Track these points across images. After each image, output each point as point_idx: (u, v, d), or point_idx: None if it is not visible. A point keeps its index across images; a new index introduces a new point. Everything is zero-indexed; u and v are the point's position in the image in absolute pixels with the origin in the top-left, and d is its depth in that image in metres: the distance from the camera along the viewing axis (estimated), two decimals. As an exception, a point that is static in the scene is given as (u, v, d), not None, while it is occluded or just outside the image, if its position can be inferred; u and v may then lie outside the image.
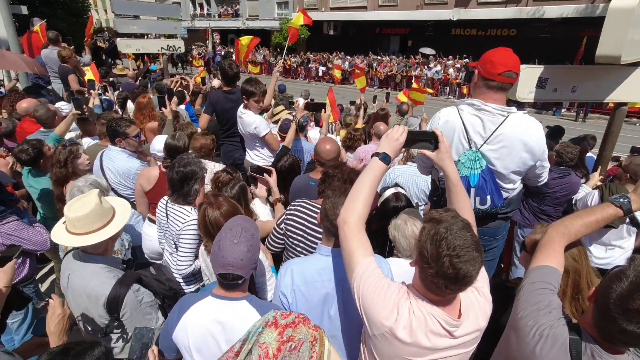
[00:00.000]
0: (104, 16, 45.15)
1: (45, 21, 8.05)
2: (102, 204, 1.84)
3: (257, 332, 1.14)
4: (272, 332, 1.12)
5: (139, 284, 1.92)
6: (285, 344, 1.10)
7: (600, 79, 3.44)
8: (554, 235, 1.46)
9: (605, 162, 4.00)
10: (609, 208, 1.44)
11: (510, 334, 1.39)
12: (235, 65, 4.29)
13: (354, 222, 1.42)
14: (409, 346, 1.26)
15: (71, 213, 1.77)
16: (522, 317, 1.30)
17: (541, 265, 1.41)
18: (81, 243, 1.80)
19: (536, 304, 1.30)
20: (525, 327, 1.27)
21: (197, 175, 2.42)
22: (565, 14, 18.34)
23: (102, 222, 1.84)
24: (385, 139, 1.57)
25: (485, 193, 2.11)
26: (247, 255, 1.51)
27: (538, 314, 1.27)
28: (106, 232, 1.84)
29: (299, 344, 1.11)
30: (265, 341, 1.11)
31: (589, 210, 1.48)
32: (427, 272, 1.20)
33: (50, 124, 3.92)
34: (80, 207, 1.79)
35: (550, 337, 1.21)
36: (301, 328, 1.13)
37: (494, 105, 2.06)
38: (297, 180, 2.96)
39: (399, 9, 24.08)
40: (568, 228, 1.45)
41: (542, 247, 1.47)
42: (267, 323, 1.14)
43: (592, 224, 1.45)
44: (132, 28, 8.98)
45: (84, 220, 1.77)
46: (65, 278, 1.89)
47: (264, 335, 1.12)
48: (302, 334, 1.12)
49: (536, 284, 1.35)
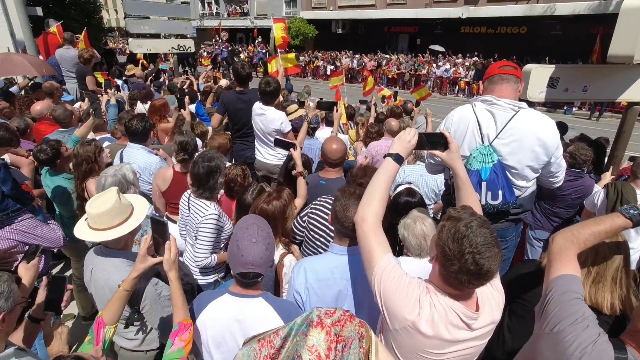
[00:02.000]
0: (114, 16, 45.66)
1: (61, 22, 8.20)
2: (121, 200, 1.91)
3: (300, 330, 1.11)
4: (319, 333, 1.08)
5: (157, 278, 1.99)
6: (333, 343, 1.07)
7: (612, 78, 3.43)
8: (564, 243, 1.44)
9: (617, 162, 3.98)
10: (619, 219, 1.41)
11: (542, 346, 1.37)
12: (247, 66, 4.37)
13: (372, 220, 1.47)
14: (430, 339, 1.31)
15: (93, 209, 1.84)
16: (559, 332, 1.27)
17: (563, 275, 1.38)
18: (103, 238, 1.87)
19: (571, 316, 1.26)
20: (564, 342, 1.24)
21: (221, 169, 2.53)
22: (577, 10, 18.06)
23: (122, 217, 1.91)
24: (397, 141, 1.63)
25: (497, 187, 2.13)
26: (265, 253, 1.56)
27: (576, 327, 1.24)
28: (126, 227, 1.90)
29: (348, 342, 1.08)
30: (315, 344, 1.06)
31: (597, 219, 1.46)
32: (450, 269, 1.24)
33: (67, 124, 4.02)
34: (101, 203, 1.86)
35: (595, 354, 1.17)
36: (348, 326, 1.10)
37: (506, 100, 2.11)
38: (307, 179, 3.00)
39: (407, 7, 23.95)
40: (577, 237, 1.43)
41: (556, 256, 1.45)
42: (312, 323, 1.10)
43: (600, 234, 1.42)
44: (143, 28, 9.08)
45: (105, 216, 1.84)
46: (88, 272, 1.97)
47: (311, 337, 1.07)
48: (351, 331, 1.09)
49: (567, 295, 1.32)
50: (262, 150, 4.10)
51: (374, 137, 4.86)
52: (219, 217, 2.48)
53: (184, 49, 9.44)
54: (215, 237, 2.48)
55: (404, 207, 2.36)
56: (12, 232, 2.43)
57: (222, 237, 2.57)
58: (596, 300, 1.58)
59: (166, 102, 4.92)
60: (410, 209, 2.24)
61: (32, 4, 9.75)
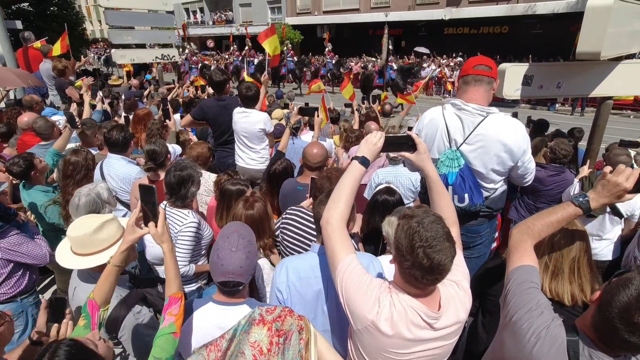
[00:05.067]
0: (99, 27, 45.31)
1: (46, 39, 8.14)
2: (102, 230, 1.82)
3: (244, 330, 1.17)
4: (261, 330, 1.15)
5: (144, 302, 1.93)
6: (275, 337, 1.14)
7: (584, 74, 3.52)
8: (520, 236, 1.49)
9: (594, 155, 4.08)
10: (569, 207, 1.45)
11: (504, 336, 1.41)
12: (221, 73, 4.39)
13: (336, 222, 1.49)
14: (391, 338, 1.31)
15: (71, 231, 1.78)
16: (516, 321, 1.32)
17: (520, 266, 1.44)
18: (84, 265, 1.81)
19: (526, 304, 1.32)
20: (521, 330, 1.29)
21: (194, 178, 2.50)
22: (556, 9, 18.48)
23: (98, 247, 1.82)
24: (364, 144, 1.63)
25: (463, 191, 2.17)
26: (246, 262, 1.55)
27: (531, 315, 1.29)
28: (107, 253, 1.82)
29: (289, 334, 1.16)
30: (257, 339, 1.14)
31: (550, 209, 1.49)
32: (404, 265, 1.26)
33: (48, 136, 3.98)
34: (81, 227, 1.79)
35: (548, 337, 1.23)
36: (288, 320, 1.17)
37: (474, 106, 2.13)
38: (285, 185, 3.03)
39: (391, 10, 24.25)
40: (530, 228, 1.48)
41: (513, 249, 1.50)
42: (254, 321, 1.17)
43: (553, 224, 1.45)
44: (126, 39, 9.05)
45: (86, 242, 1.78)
46: (71, 290, 1.92)
47: (253, 334, 1.15)
48: (291, 325, 1.16)
49: (523, 285, 1.37)
50: (244, 156, 4.12)
51: (353, 141, 4.77)
52: (198, 226, 2.48)
53: (168, 58, 9.43)
54: (194, 245, 2.47)
55: (382, 205, 2.39)
56: (-4, 249, 2.40)
57: (202, 244, 2.57)
58: (557, 292, 1.59)
59: (150, 112, 4.91)
60: (389, 207, 2.28)
61: (12, 17, 9.65)
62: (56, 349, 1.15)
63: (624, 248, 3.06)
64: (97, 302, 1.57)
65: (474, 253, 2.41)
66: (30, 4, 17.13)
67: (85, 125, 4.07)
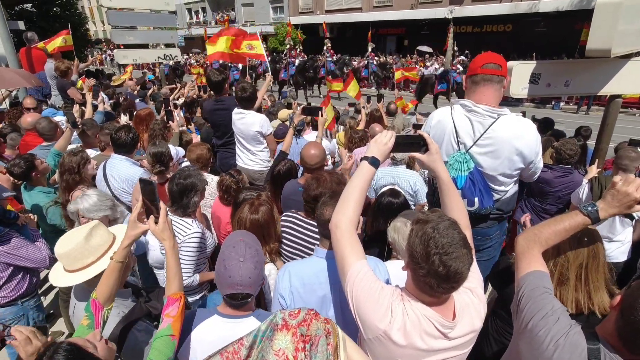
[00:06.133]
0: (102, 28, 45.46)
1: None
2: (92, 236, 1.75)
3: (265, 336, 1.08)
4: (285, 336, 1.05)
5: (148, 318, 1.84)
6: (300, 343, 1.05)
7: (592, 72, 3.45)
8: (526, 244, 1.46)
9: (602, 155, 4.01)
10: (578, 216, 1.40)
11: (520, 344, 1.37)
12: (218, 73, 4.32)
13: (346, 226, 1.43)
14: (404, 349, 1.25)
15: (59, 249, 1.71)
16: (532, 328, 1.28)
17: (530, 272, 1.40)
18: (75, 281, 1.73)
19: (541, 310, 1.28)
20: (538, 337, 1.25)
21: (197, 187, 2.42)
22: (560, 7, 18.35)
23: (94, 256, 1.75)
24: (374, 143, 1.56)
25: (473, 195, 2.11)
26: (254, 272, 1.48)
27: (547, 321, 1.25)
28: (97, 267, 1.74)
29: (316, 340, 1.06)
30: (281, 347, 1.04)
31: (558, 218, 1.45)
32: (418, 272, 1.20)
33: (51, 137, 3.95)
34: (69, 242, 1.71)
35: (568, 345, 1.19)
36: (314, 324, 1.08)
37: (484, 107, 2.06)
38: (286, 186, 2.97)
39: (394, 9, 24.17)
40: (537, 236, 1.44)
41: (520, 256, 1.47)
42: (276, 326, 1.08)
43: (561, 232, 1.42)
44: (128, 39, 9.04)
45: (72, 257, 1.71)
46: (72, 307, 1.86)
47: (277, 341, 1.05)
48: (317, 329, 1.07)
49: (536, 290, 1.33)
50: (243, 156, 4.08)
51: (356, 142, 4.66)
52: (202, 235, 2.41)
53: (170, 58, 9.41)
54: (198, 255, 2.41)
55: (386, 208, 2.34)
56: (-4, 253, 2.37)
57: (207, 252, 2.51)
58: (561, 300, 1.51)
59: (151, 112, 4.88)
60: (393, 209, 2.23)
61: (15, 18, 9.66)
62: (54, 352, 1.10)
63: (636, 250, 3.00)
64: (100, 301, 1.51)
65: (483, 256, 2.35)
66: (33, 5, 17.17)
67: (85, 125, 4.04)
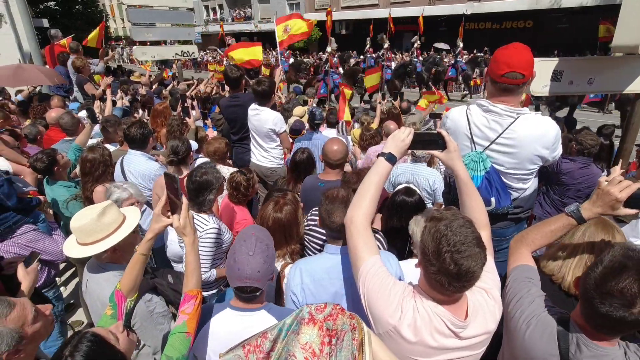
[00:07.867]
0: (121, 25, 46.35)
1: (72, 36, 8.34)
2: (105, 214, 1.85)
3: (291, 330, 1.09)
4: (311, 330, 1.07)
5: (154, 292, 1.93)
6: (326, 337, 1.06)
7: (618, 69, 3.33)
8: (514, 244, 1.62)
9: (627, 155, 3.87)
10: (563, 218, 1.47)
11: (505, 330, 1.47)
12: (236, 69, 4.37)
13: (360, 221, 1.44)
14: (414, 345, 1.25)
15: (74, 223, 1.81)
16: (510, 310, 1.39)
17: (516, 266, 1.52)
18: (87, 253, 1.82)
19: (517, 294, 1.39)
20: (513, 319, 1.35)
21: (213, 185, 2.44)
22: (584, 2, 17.78)
23: (106, 231, 1.85)
24: (391, 140, 1.56)
25: (490, 195, 2.07)
26: (263, 266, 1.50)
27: (522, 302, 1.35)
28: (110, 240, 1.85)
29: (341, 334, 1.07)
30: (308, 341, 1.05)
31: (547, 220, 1.56)
32: (429, 270, 1.20)
33: (73, 132, 4.05)
34: (81, 217, 1.82)
35: (539, 324, 1.26)
36: (340, 319, 1.09)
37: (502, 107, 2.01)
38: (306, 181, 2.99)
39: (411, 5, 23.87)
40: (524, 237, 1.58)
41: (510, 256, 1.61)
42: (303, 320, 1.09)
43: (547, 233, 1.51)
44: (147, 36, 9.19)
45: (87, 230, 1.80)
46: (84, 284, 1.95)
47: (303, 335, 1.06)
48: (343, 324, 1.08)
49: (518, 279, 1.45)
50: (256, 152, 4.11)
51: (368, 139, 4.60)
52: (219, 231, 2.43)
53: (188, 55, 9.53)
54: (214, 250, 2.43)
55: (400, 207, 2.31)
56: (13, 245, 2.44)
57: (223, 247, 2.53)
58: None
59: (167, 106, 4.96)
60: (407, 208, 2.20)
61: (39, 16, 9.93)
62: (78, 342, 1.12)
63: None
64: (124, 292, 1.56)
65: (499, 257, 2.30)
66: (56, 3, 17.65)
67: (109, 122, 4.13)
